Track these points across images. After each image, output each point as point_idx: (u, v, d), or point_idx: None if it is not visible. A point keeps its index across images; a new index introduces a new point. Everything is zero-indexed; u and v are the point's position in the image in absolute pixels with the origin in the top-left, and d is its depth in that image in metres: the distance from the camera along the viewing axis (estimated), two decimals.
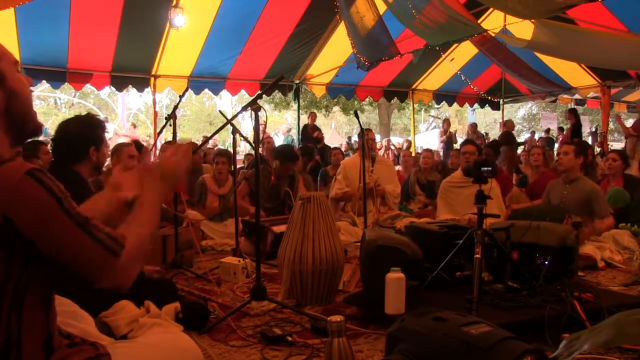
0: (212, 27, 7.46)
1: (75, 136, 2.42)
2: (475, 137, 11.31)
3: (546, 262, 2.79)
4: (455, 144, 11.67)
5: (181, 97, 4.03)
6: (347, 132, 28.77)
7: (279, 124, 25.80)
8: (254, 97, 2.56)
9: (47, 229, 1.04)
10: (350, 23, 6.80)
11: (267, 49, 8.27)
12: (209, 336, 2.29)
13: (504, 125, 11.56)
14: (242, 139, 3.86)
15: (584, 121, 13.89)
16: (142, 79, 8.45)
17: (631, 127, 7.73)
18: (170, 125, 3.60)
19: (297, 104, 10.88)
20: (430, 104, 14.36)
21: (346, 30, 7.11)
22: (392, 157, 12.69)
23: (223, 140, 18.00)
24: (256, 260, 2.57)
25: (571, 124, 10.24)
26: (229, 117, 3.05)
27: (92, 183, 2.56)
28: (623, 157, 5.01)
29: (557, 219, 3.36)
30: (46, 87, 13.96)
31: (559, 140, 12.69)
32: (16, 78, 1.18)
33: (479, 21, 6.92)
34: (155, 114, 9.56)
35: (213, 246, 4.35)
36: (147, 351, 1.33)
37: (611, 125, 9.93)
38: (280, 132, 16.81)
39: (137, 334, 1.92)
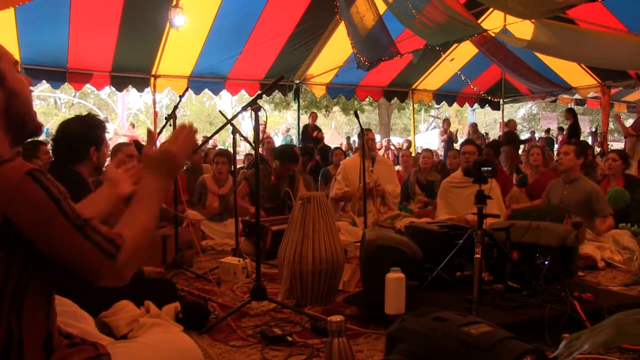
0: (212, 27, 7.47)
1: (75, 136, 2.42)
2: (476, 137, 11.31)
3: (546, 262, 2.79)
4: (456, 143, 11.67)
5: (181, 97, 4.03)
6: (347, 132, 28.77)
7: (279, 124, 25.80)
8: (254, 97, 2.56)
9: (46, 230, 1.04)
10: (350, 23, 6.80)
11: (267, 49, 8.27)
12: (209, 336, 2.29)
13: (505, 125, 11.55)
14: (242, 139, 3.86)
15: (584, 121, 13.91)
16: (142, 79, 8.45)
17: (630, 126, 7.72)
18: (170, 125, 3.60)
19: (297, 104, 10.89)
20: (430, 104, 14.36)
21: (346, 30, 7.11)
22: (392, 157, 12.70)
23: (223, 140, 18.02)
24: (256, 260, 2.57)
25: (569, 123, 10.24)
26: (229, 117, 3.05)
27: (92, 183, 2.56)
28: (623, 157, 4.99)
29: (557, 219, 3.36)
30: (46, 87, 13.96)
31: (559, 140, 12.69)
32: (16, 78, 1.18)
33: (479, 21, 6.92)
34: (155, 114, 9.56)
35: (213, 246, 4.35)
36: (147, 351, 1.33)
37: (611, 125, 9.93)
38: (279, 132, 16.80)
39: (137, 334, 1.92)
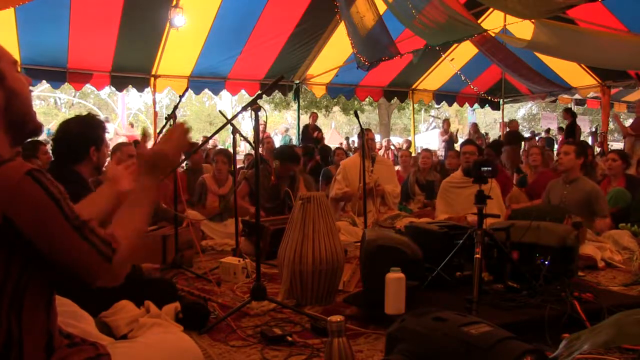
0: (212, 27, 7.46)
1: (75, 136, 2.42)
2: (476, 137, 11.30)
3: (546, 262, 2.79)
4: (456, 143, 11.66)
5: (181, 97, 4.02)
6: (347, 132, 28.77)
7: (279, 124, 25.80)
8: (254, 97, 2.56)
9: (45, 230, 1.04)
10: (350, 23, 6.80)
11: (267, 49, 8.26)
12: (209, 336, 2.29)
13: (507, 126, 11.52)
14: (242, 139, 3.86)
15: (584, 121, 13.90)
16: (142, 79, 8.45)
17: (629, 126, 7.71)
18: (170, 125, 3.60)
19: (297, 104, 10.88)
20: (430, 104, 14.35)
21: (346, 30, 7.11)
22: (392, 157, 12.70)
23: (223, 140, 18.01)
24: (256, 260, 2.57)
25: (567, 123, 10.24)
26: (229, 117, 3.05)
27: (92, 183, 2.56)
28: (623, 157, 4.98)
29: (557, 219, 3.36)
30: (46, 87, 13.96)
31: (559, 140, 12.69)
32: (16, 77, 1.18)
33: (479, 21, 6.92)
34: (155, 114, 9.55)
35: (213, 246, 4.35)
36: (147, 351, 1.33)
37: (611, 125, 9.92)
38: (278, 132, 16.80)
39: (137, 334, 1.92)
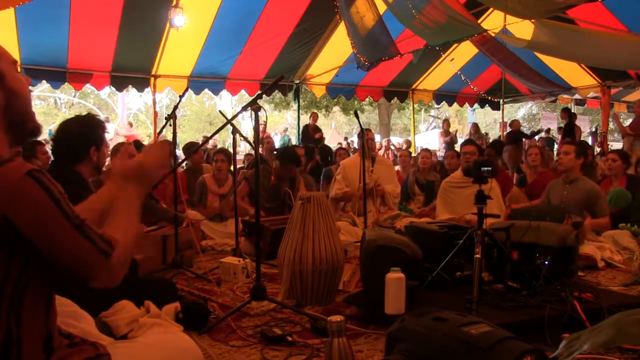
0: (212, 27, 7.46)
1: (75, 136, 2.42)
2: (477, 137, 11.30)
3: (546, 262, 2.79)
4: (456, 144, 11.65)
5: (181, 97, 4.03)
6: (347, 132, 28.77)
7: (279, 124, 25.81)
8: (254, 97, 2.56)
9: (46, 230, 1.05)
10: (350, 23, 6.80)
11: (267, 49, 8.26)
12: (209, 336, 2.29)
13: (508, 126, 11.50)
14: (242, 139, 3.86)
15: (584, 121, 13.89)
16: (142, 79, 8.44)
17: (628, 126, 7.71)
18: (170, 125, 3.60)
19: (297, 104, 10.88)
20: (430, 104, 14.36)
21: (346, 30, 7.11)
22: (392, 157, 12.69)
23: (223, 140, 18.01)
24: (256, 260, 2.57)
25: (565, 123, 10.24)
26: (229, 117, 3.05)
27: (92, 183, 2.56)
28: (623, 157, 4.95)
29: (557, 219, 3.36)
30: (46, 87, 13.96)
31: (559, 140, 12.68)
32: (15, 77, 1.18)
33: (479, 21, 6.92)
34: (155, 114, 9.55)
35: (213, 246, 4.35)
36: (147, 351, 1.33)
37: (611, 125, 9.92)
38: (277, 132, 16.81)
39: (137, 334, 1.92)
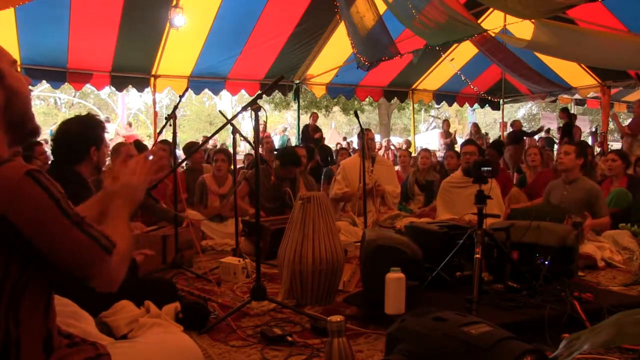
0: (212, 27, 7.46)
1: (75, 136, 2.42)
2: (477, 137, 11.30)
3: (546, 262, 2.79)
4: (456, 144, 11.65)
5: (181, 97, 4.03)
6: (347, 132, 28.77)
7: (279, 124, 25.81)
8: (254, 97, 2.56)
9: (45, 229, 1.05)
10: (350, 23, 6.79)
11: (267, 49, 8.26)
12: (209, 336, 2.29)
13: (510, 126, 11.49)
14: (242, 139, 3.86)
15: (584, 121, 13.89)
16: (142, 79, 8.44)
17: (627, 126, 7.70)
18: (170, 125, 3.61)
19: (297, 104, 10.88)
20: (430, 104, 14.36)
21: (346, 30, 7.11)
22: (391, 157, 12.69)
23: (223, 140, 18.01)
24: (256, 260, 2.57)
25: (564, 123, 10.24)
26: (229, 117, 3.05)
27: (92, 183, 2.56)
28: (623, 157, 4.95)
29: (557, 219, 3.36)
30: (46, 87, 13.97)
31: (558, 140, 12.67)
32: (15, 77, 1.18)
33: (479, 21, 6.92)
34: (155, 114, 9.55)
35: (213, 246, 4.35)
36: (147, 351, 1.33)
37: (611, 125, 9.91)
38: (277, 132, 16.83)
39: (137, 334, 1.92)
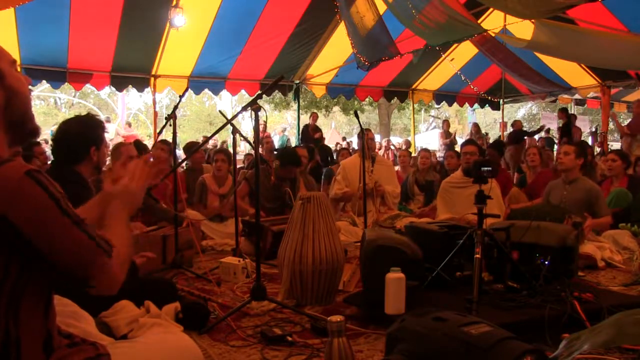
0: (212, 27, 7.46)
1: (75, 136, 2.42)
2: (478, 137, 11.30)
3: (546, 262, 2.79)
4: (456, 145, 11.65)
5: (181, 97, 4.03)
6: (347, 132, 28.77)
7: (279, 124, 25.82)
8: (254, 97, 2.56)
9: (45, 229, 1.05)
10: (350, 23, 6.80)
11: (267, 49, 8.26)
12: (209, 336, 2.29)
13: (510, 126, 11.50)
14: (242, 139, 3.86)
15: (584, 121, 13.89)
16: (142, 79, 8.45)
17: (626, 125, 7.71)
18: (170, 125, 3.61)
19: (297, 104, 10.89)
20: (430, 104, 14.36)
21: (346, 30, 7.11)
22: (391, 157, 12.69)
23: (223, 140, 18.01)
24: (256, 260, 2.57)
25: (563, 123, 10.24)
26: (229, 117, 3.06)
27: (92, 183, 2.56)
28: (623, 157, 4.94)
29: (557, 219, 3.36)
30: (46, 87, 13.97)
31: (557, 140, 12.67)
32: (15, 77, 1.18)
33: (479, 21, 6.92)
34: (155, 114, 9.56)
35: (213, 246, 4.35)
36: (147, 351, 1.33)
37: (611, 125, 9.91)
38: (276, 132, 16.85)
39: (137, 334, 1.92)
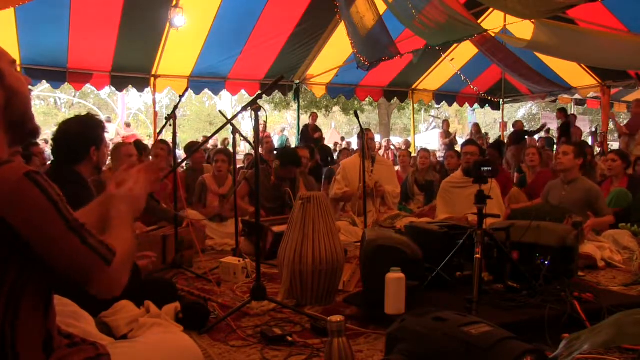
0: (212, 27, 7.46)
1: (75, 136, 2.42)
2: (478, 137, 11.30)
3: (546, 262, 2.79)
4: (456, 145, 11.65)
5: (181, 97, 4.03)
6: (347, 132, 28.75)
7: (279, 124, 25.81)
8: (254, 97, 2.56)
9: (42, 232, 1.04)
10: (350, 23, 6.80)
11: (267, 49, 8.26)
12: (209, 336, 2.29)
13: (512, 126, 11.50)
14: (242, 139, 3.86)
15: (584, 121, 13.90)
16: (142, 79, 8.45)
17: (625, 125, 7.71)
18: (170, 125, 3.61)
19: (297, 104, 10.89)
20: (430, 104, 14.36)
21: (346, 30, 7.11)
22: (391, 158, 12.69)
23: (222, 140, 18.00)
24: (256, 260, 2.57)
25: (561, 123, 10.24)
26: (229, 117, 3.06)
27: (92, 183, 2.56)
28: (623, 156, 4.94)
29: (557, 219, 3.36)
30: (46, 87, 13.98)
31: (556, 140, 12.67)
32: (15, 77, 1.18)
33: (479, 21, 6.92)
34: (155, 114, 9.56)
35: (213, 246, 4.35)
36: (147, 351, 1.33)
37: (611, 125, 9.91)
38: (275, 132, 16.86)
39: (137, 334, 1.92)
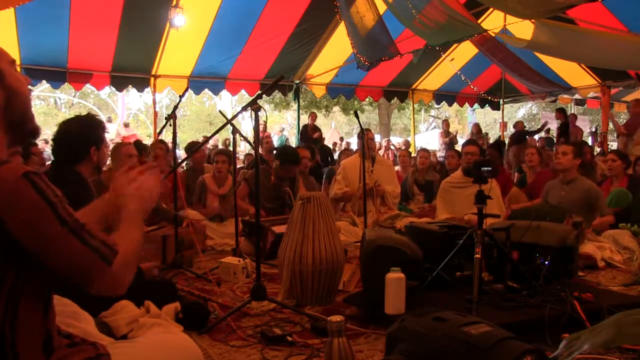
0: (212, 27, 7.47)
1: (75, 136, 2.42)
2: (478, 137, 11.30)
3: (546, 262, 2.79)
4: (456, 144, 11.65)
5: (181, 97, 4.04)
6: (347, 132, 28.75)
7: (279, 124, 25.82)
8: (254, 97, 2.56)
9: (39, 233, 1.03)
10: (350, 23, 6.80)
11: (267, 49, 8.27)
12: (209, 336, 2.29)
13: (512, 127, 11.50)
14: (242, 139, 3.86)
15: (584, 121, 13.91)
16: (142, 79, 8.45)
17: (623, 125, 7.71)
18: (170, 125, 3.61)
19: (297, 104, 10.89)
20: (430, 104, 14.36)
21: (346, 30, 7.11)
22: (391, 157, 12.69)
23: (223, 140, 18.01)
24: (256, 260, 2.57)
25: (560, 123, 10.24)
26: (229, 117, 3.06)
27: (92, 183, 2.56)
28: (622, 157, 4.94)
29: (557, 219, 3.36)
30: (46, 87, 13.98)
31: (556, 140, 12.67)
32: (15, 77, 1.18)
33: (479, 21, 6.92)
34: (155, 114, 9.56)
35: (213, 246, 4.35)
36: (147, 351, 1.33)
37: (611, 126, 9.92)
38: (274, 132, 16.86)
39: (137, 334, 1.92)
